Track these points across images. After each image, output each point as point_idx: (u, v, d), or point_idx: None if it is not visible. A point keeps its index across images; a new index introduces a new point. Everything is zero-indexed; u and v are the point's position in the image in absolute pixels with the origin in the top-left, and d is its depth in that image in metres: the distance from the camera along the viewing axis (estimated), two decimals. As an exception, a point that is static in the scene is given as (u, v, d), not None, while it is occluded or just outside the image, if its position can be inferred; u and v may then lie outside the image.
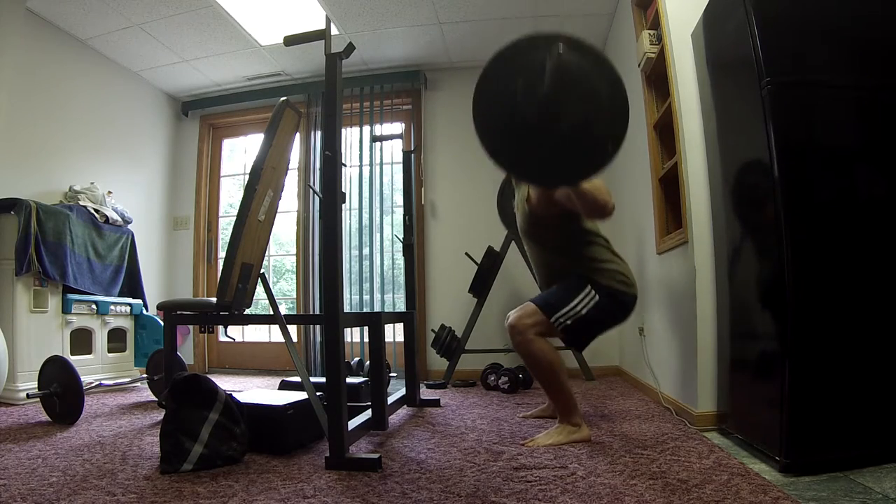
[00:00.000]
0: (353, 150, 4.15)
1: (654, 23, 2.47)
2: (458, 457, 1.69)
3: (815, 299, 1.48)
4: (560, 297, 1.95)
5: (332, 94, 1.70)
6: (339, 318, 1.63)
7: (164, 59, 3.89)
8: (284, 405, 1.82)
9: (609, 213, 1.74)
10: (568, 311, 1.91)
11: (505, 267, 3.48)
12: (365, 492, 1.37)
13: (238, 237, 1.86)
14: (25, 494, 1.35)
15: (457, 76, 4.12)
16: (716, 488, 1.32)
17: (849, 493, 1.25)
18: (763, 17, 1.59)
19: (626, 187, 3.30)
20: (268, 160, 1.89)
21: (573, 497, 1.30)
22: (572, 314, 1.91)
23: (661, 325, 2.60)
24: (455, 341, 3.44)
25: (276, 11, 3.36)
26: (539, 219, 2.05)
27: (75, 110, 3.56)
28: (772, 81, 1.54)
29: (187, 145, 4.51)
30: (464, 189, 4.02)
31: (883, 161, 1.55)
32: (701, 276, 2.05)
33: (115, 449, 1.82)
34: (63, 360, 2.33)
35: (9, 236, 2.82)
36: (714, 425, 1.97)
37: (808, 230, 1.50)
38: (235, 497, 1.33)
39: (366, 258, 4.05)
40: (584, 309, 1.91)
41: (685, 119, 2.14)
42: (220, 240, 4.50)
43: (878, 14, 1.60)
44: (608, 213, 1.74)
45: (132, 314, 3.46)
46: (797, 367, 1.46)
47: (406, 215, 2.86)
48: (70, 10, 3.25)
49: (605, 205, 1.72)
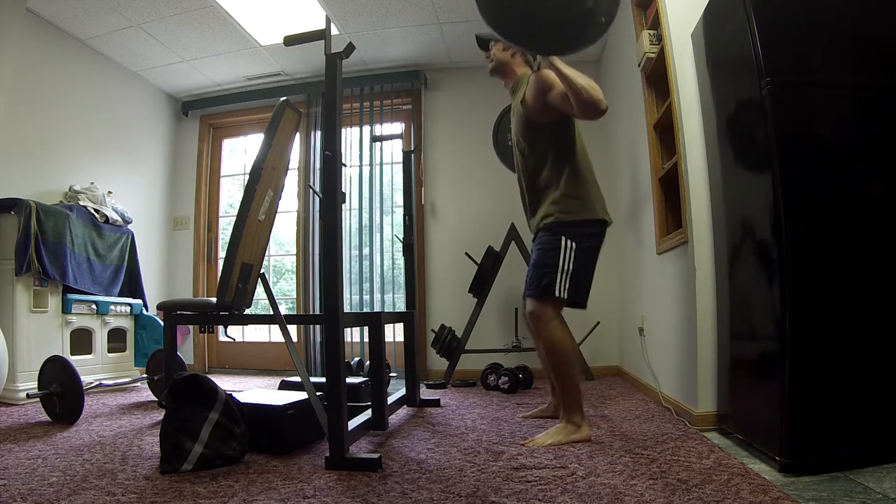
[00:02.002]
0: (353, 150, 4.15)
1: (654, 23, 2.47)
2: (458, 457, 1.69)
3: (814, 299, 1.48)
4: (545, 270, 1.95)
5: (332, 94, 1.70)
6: (339, 318, 1.63)
7: (164, 59, 3.89)
8: (284, 405, 1.82)
9: (601, 110, 1.78)
10: (561, 277, 1.93)
11: (505, 267, 3.48)
12: (365, 492, 1.37)
13: (238, 237, 1.86)
14: (25, 494, 1.35)
15: (457, 76, 4.12)
16: (716, 488, 1.32)
17: (849, 493, 1.25)
18: (763, 17, 1.59)
19: (626, 187, 3.30)
20: (268, 160, 1.89)
21: (573, 497, 1.30)
22: (566, 276, 1.93)
23: (661, 325, 2.60)
24: (455, 341, 3.44)
25: (276, 11, 3.36)
26: (532, 123, 2.05)
27: (75, 110, 3.56)
28: (772, 81, 1.54)
29: (187, 145, 4.52)
30: (464, 189, 4.02)
31: (883, 161, 1.55)
32: (701, 275, 2.05)
33: (115, 449, 1.83)
34: (63, 360, 2.33)
35: (9, 236, 2.82)
36: (714, 425, 1.97)
37: (809, 230, 1.50)
38: (235, 497, 1.33)
39: (366, 258, 4.05)
40: (570, 264, 1.94)
41: (685, 119, 2.14)
42: (220, 240, 4.50)
43: (878, 14, 1.60)
44: (600, 109, 1.78)
45: (132, 314, 3.46)
46: (797, 367, 1.46)
47: (406, 215, 2.86)
48: (70, 10, 3.25)
49: (598, 101, 1.76)
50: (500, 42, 2.20)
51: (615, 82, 3.35)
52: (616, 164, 3.57)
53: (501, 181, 3.60)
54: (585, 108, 1.80)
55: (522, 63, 2.22)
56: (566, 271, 1.94)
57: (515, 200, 2.29)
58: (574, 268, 1.94)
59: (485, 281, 3.42)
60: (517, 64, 2.22)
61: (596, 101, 1.76)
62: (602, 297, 3.62)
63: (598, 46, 3.76)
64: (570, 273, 1.94)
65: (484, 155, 3.71)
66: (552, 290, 1.93)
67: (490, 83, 2.65)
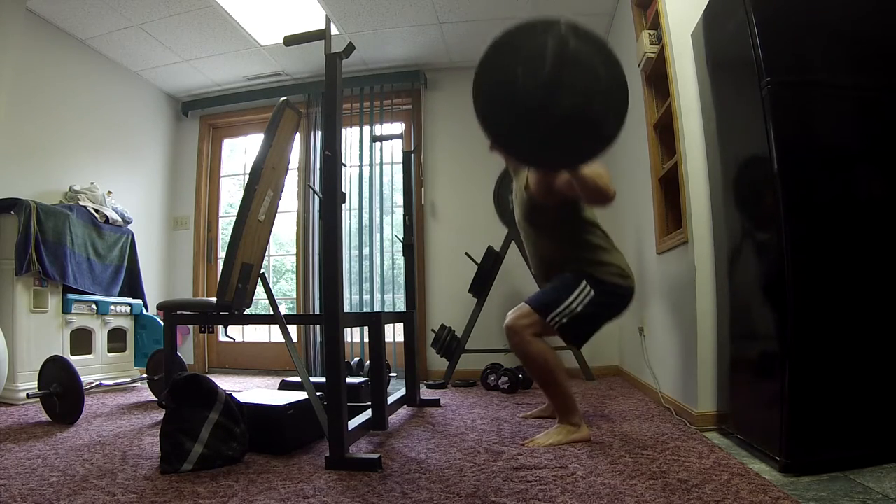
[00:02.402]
0: (353, 150, 4.15)
1: (654, 23, 2.47)
2: (458, 457, 1.69)
3: (815, 299, 1.48)
4: (555, 295, 1.94)
5: (332, 94, 1.70)
6: (339, 318, 1.63)
7: (164, 59, 3.89)
8: (284, 405, 1.82)
9: (610, 199, 1.75)
10: (563, 309, 1.90)
11: (505, 267, 3.48)
12: (365, 492, 1.37)
13: (238, 237, 1.86)
14: (25, 494, 1.35)
15: (457, 76, 4.12)
16: (716, 488, 1.32)
17: (849, 493, 1.25)
18: (763, 17, 1.59)
19: (626, 187, 3.30)
20: (268, 160, 1.89)
21: (573, 497, 1.30)
22: (567, 312, 1.90)
23: (661, 325, 2.60)
24: (455, 341, 3.44)
25: (276, 11, 3.36)
26: (537, 206, 2.04)
27: (75, 110, 3.56)
28: (772, 81, 1.54)
29: (187, 145, 4.51)
30: (464, 189, 4.02)
31: (883, 161, 1.55)
32: (701, 276, 2.05)
33: (115, 449, 1.82)
34: (63, 360, 2.33)
35: (9, 236, 2.82)
36: (714, 425, 1.97)
37: (808, 230, 1.50)
38: (235, 497, 1.33)
39: (366, 258, 4.05)
40: (579, 306, 1.91)
41: (685, 119, 2.14)
42: (220, 240, 4.50)
43: (878, 14, 1.60)
44: (609, 199, 1.74)
45: (132, 314, 3.46)
46: (797, 367, 1.46)
47: (406, 215, 2.86)
48: (70, 10, 3.25)
49: (607, 191, 1.72)
50: None
51: (615, 82, 3.35)
52: (616, 164, 3.56)
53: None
54: (593, 199, 1.79)
55: None
56: (571, 311, 1.90)
57: (515, 200, 2.28)
58: (581, 312, 1.91)
59: (485, 281, 3.42)
60: None
61: (603, 192, 1.71)
62: (602, 297, 3.62)
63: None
64: (574, 315, 1.91)
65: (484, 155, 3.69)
66: (547, 312, 1.90)
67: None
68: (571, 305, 1.91)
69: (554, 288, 1.98)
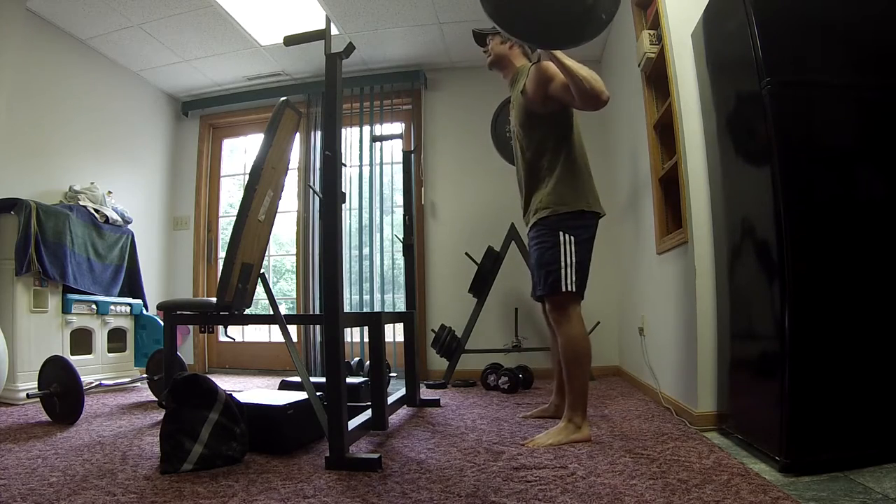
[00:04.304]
0: (353, 150, 4.15)
1: (654, 23, 2.47)
2: (458, 457, 1.69)
3: (814, 299, 1.48)
4: (549, 268, 1.96)
5: (332, 94, 1.70)
6: (339, 318, 1.63)
7: (164, 59, 3.89)
8: (284, 405, 1.82)
9: (603, 100, 1.79)
10: (566, 272, 1.94)
11: (505, 267, 3.47)
12: (365, 492, 1.37)
13: (238, 237, 1.86)
14: (25, 494, 1.35)
15: (457, 76, 4.12)
16: (716, 488, 1.32)
17: (849, 493, 1.25)
18: (763, 17, 1.59)
19: (625, 187, 3.30)
20: (268, 160, 1.89)
21: (573, 497, 1.30)
22: (570, 269, 1.94)
23: (661, 325, 2.60)
24: (455, 341, 3.44)
25: (276, 11, 3.36)
26: (532, 113, 2.05)
27: (75, 110, 3.56)
28: (772, 81, 1.54)
29: (187, 145, 4.51)
30: (464, 189, 4.02)
31: (883, 161, 1.55)
32: (701, 276, 2.05)
33: (115, 449, 1.82)
34: (63, 360, 2.33)
35: (9, 236, 2.82)
36: (714, 425, 1.97)
37: (808, 230, 1.50)
38: (235, 497, 1.33)
39: (366, 258, 4.05)
40: (572, 256, 1.95)
41: (685, 119, 2.14)
42: (220, 240, 4.50)
43: (878, 14, 1.60)
44: (602, 100, 1.79)
45: (132, 314, 3.46)
46: (797, 367, 1.46)
47: (406, 215, 2.86)
48: (70, 10, 3.25)
49: (600, 91, 1.77)
50: (497, 36, 2.21)
51: (615, 82, 3.35)
52: (616, 163, 3.57)
53: (501, 181, 3.61)
54: (587, 99, 1.81)
55: (521, 55, 2.23)
56: (570, 264, 1.95)
57: (515, 200, 2.29)
58: (576, 260, 1.96)
59: (485, 281, 3.42)
60: (515, 56, 2.22)
61: (598, 92, 1.77)
62: (602, 297, 3.63)
63: (598, 46, 3.76)
64: (574, 266, 1.95)
65: (484, 155, 3.72)
66: (559, 287, 1.94)
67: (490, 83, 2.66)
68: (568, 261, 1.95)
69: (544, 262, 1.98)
